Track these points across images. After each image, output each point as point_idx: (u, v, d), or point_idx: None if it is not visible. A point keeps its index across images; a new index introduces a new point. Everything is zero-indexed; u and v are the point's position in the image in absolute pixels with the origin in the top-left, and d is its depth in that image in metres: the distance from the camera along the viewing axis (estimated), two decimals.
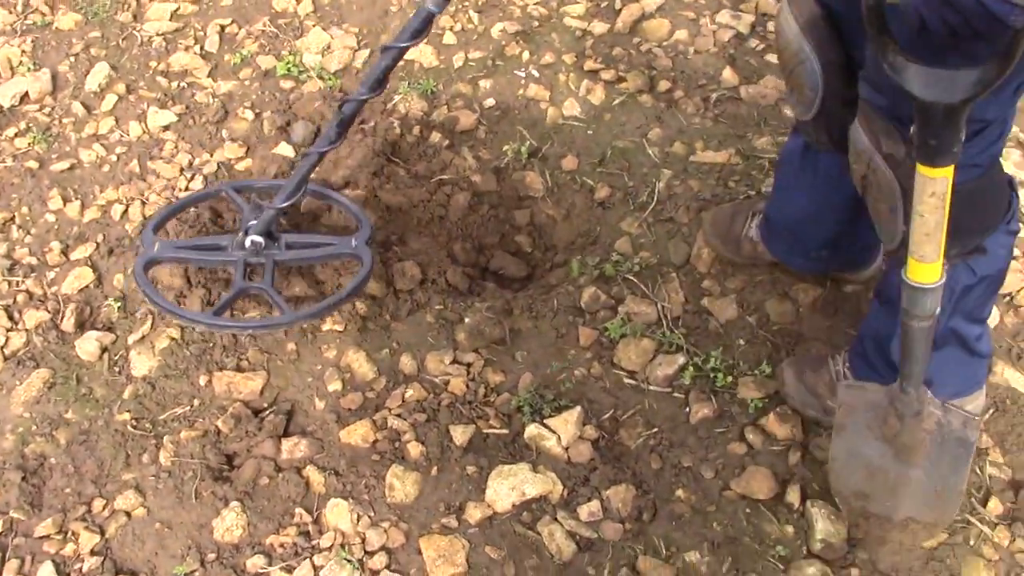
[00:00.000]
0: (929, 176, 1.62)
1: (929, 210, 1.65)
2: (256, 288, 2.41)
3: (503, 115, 3.01)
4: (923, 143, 1.58)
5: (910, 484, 1.97)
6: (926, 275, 1.74)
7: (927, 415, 1.91)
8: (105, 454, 2.31)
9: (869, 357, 2.16)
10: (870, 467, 2.00)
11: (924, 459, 1.94)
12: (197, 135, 2.99)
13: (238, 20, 3.35)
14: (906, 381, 1.89)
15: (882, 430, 1.97)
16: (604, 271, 2.60)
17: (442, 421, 2.29)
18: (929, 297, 1.75)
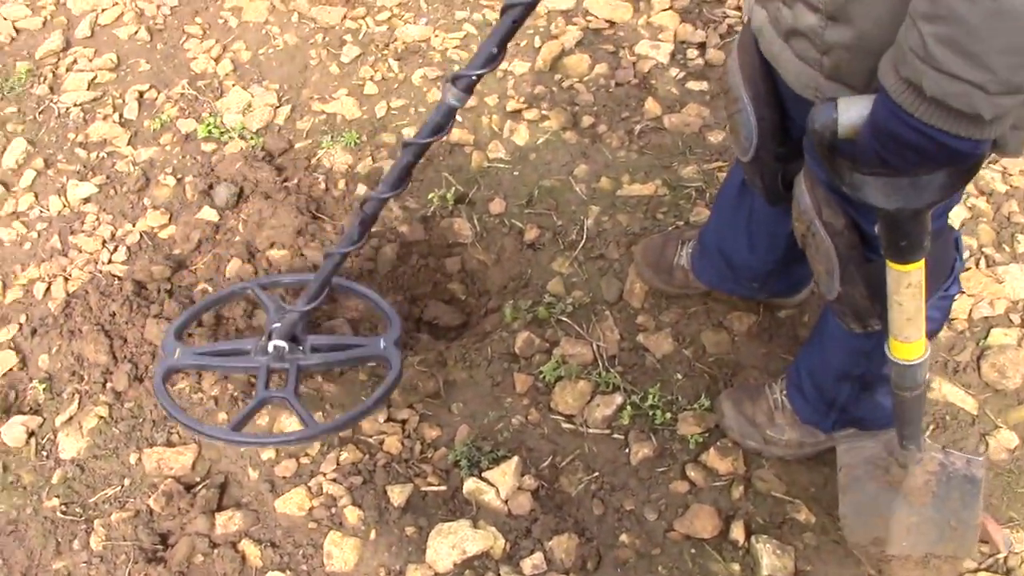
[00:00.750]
0: (903, 271, 1.61)
1: (908, 299, 1.65)
2: (278, 397, 2.27)
3: (428, 162, 2.98)
4: (893, 245, 1.55)
5: (924, 522, 1.97)
6: (912, 353, 1.74)
7: (928, 459, 1.92)
8: (34, 543, 2.24)
9: (805, 391, 2.14)
10: (882, 515, 2.00)
11: (933, 498, 1.94)
12: (119, 205, 2.94)
13: (156, 85, 3.30)
14: (907, 440, 1.90)
15: (887, 479, 1.97)
16: (537, 314, 2.56)
17: (379, 482, 2.24)
18: (918, 371, 1.75)
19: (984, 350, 2.38)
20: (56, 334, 2.58)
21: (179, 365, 2.34)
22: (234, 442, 2.28)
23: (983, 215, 2.67)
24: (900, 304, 1.67)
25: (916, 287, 1.65)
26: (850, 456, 2.02)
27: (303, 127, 3.13)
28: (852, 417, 2.13)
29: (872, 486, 1.99)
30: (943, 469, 1.92)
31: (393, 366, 2.27)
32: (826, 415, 2.14)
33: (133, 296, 2.58)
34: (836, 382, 2.06)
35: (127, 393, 2.46)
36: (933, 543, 1.99)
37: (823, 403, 2.12)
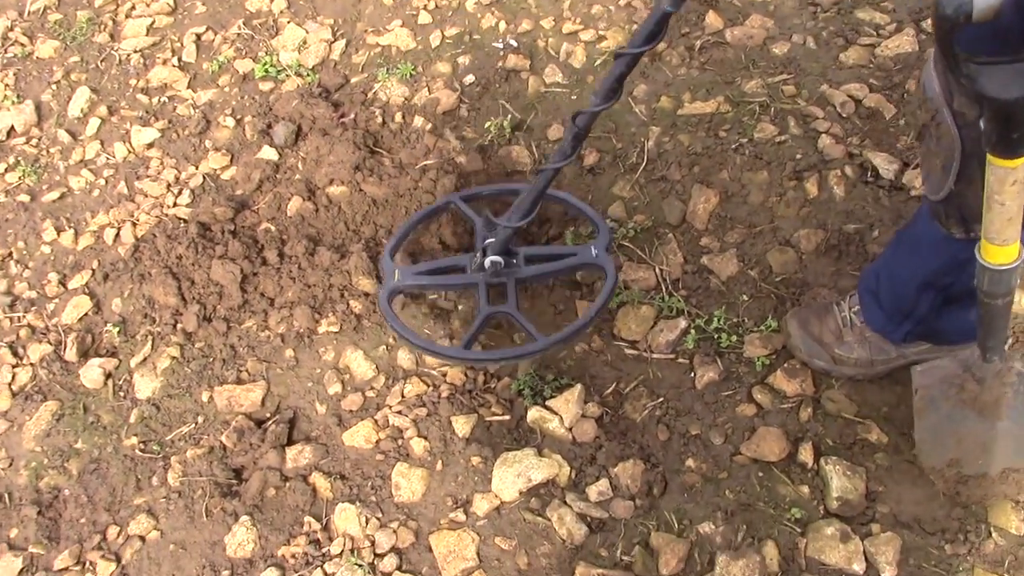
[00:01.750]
0: (1010, 167, 1.53)
1: (1011, 197, 1.56)
2: (502, 312, 2.25)
3: (484, 90, 2.94)
4: (1003, 139, 1.47)
5: (999, 437, 1.91)
6: (1009, 256, 1.66)
7: (1005, 371, 1.85)
8: (116, 480, 2.31)
9: (880, 298, 2.07)
10: (957, 434, 1.94)
11: (1009, 410, 1.88)
12: (181, 148, 2.97)
13: (213, 26, 3.31)
14: (991, 352, 1.83)
15: (961, 397, 1.90)
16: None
17: (443, 414, 2.25)
18: (1013, 275, 1.67)
19: None
20: (127, 278, 2.64)
21: (401, 287, 2.34)
22: (467, 360, 2.28)
23: None
24: (1003, 204, 1.59)
25: (1021, 184, 1.56)
26: (925, 377, 1.95)
27: (358, 61, 3.11)
28: (928, 329, 2.06)
29: (947, 406, 1.93)
30: (1020, 379, 1.84)
31: (608, 273, 2.25)
32: (900, 324, 2.07)
33: (198, 238, 2.62)
34: (919, 291, 1.99)
35: (197, 333, 2.51)
36: (1010, 457, 1.92)
37: (899, 312, 2.05)
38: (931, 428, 1.98)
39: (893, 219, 2.41)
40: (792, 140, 2.61)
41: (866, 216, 2.43)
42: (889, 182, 2.45)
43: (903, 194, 2.44)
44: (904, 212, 2.41)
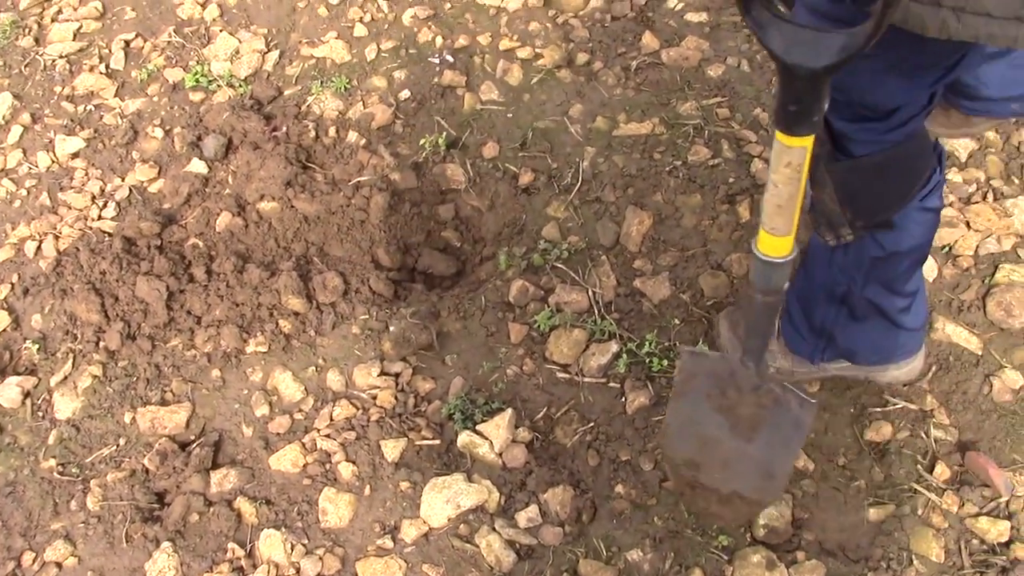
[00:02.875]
0: (786, 144, 1.50)
1: (783, 180, 1.53)
2: None
3: (419, 106, 2.91)
4: (782, 108, 1.46)
5: (742, 459, 1.88)
6: (776, 248, 1.62)
7: (765, 391, 1.81)
8: (32, 504, 2.24)
9: (794, 318, 2.10)
10: (704, 437, 1.91)
11: (758, 435, 1.85)
12: (107, 159, 2.89)
13: (143, 33, 3.23)
14: (747, 355, 1.80)
15: (720, 401, 1.86)
16: (532, 261, 2.51)
17: (372, 438, 2.22)
18: (776, 272, 1.64)
19: (990, 288, 2.31)
20: (48, 293, 2.56)
21: None
22: None
23: (991, 146, 2.58)
24: (775, 185, 1.55)
25: (796, 170, 1.53)
26: (693, 363, 1.90)
27: (292, 73, 3.06)
28: (840, 348, 2.08)
29: (704, 404, 1.87)
30: (776, 406, 1.80)
31: None
32: (814, 344, 2.10)
33: (123, 253, 2.55)
34: (822, 304, 2.01)
35: (120, 351, 2.45)
36: (743, 484, 1.90)
37: (811, 331, 2.07)
38: (682, 419, 1.93)
39: None
40: (725, 164, 2.62)
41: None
42: None
43: None
44: None
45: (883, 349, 2.02)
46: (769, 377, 1.82)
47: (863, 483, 2.08)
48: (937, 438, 2.11)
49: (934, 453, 2.09)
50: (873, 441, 2.13)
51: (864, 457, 2.11)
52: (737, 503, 1.95)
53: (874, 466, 2.10)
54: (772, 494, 1.94)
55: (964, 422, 2.13)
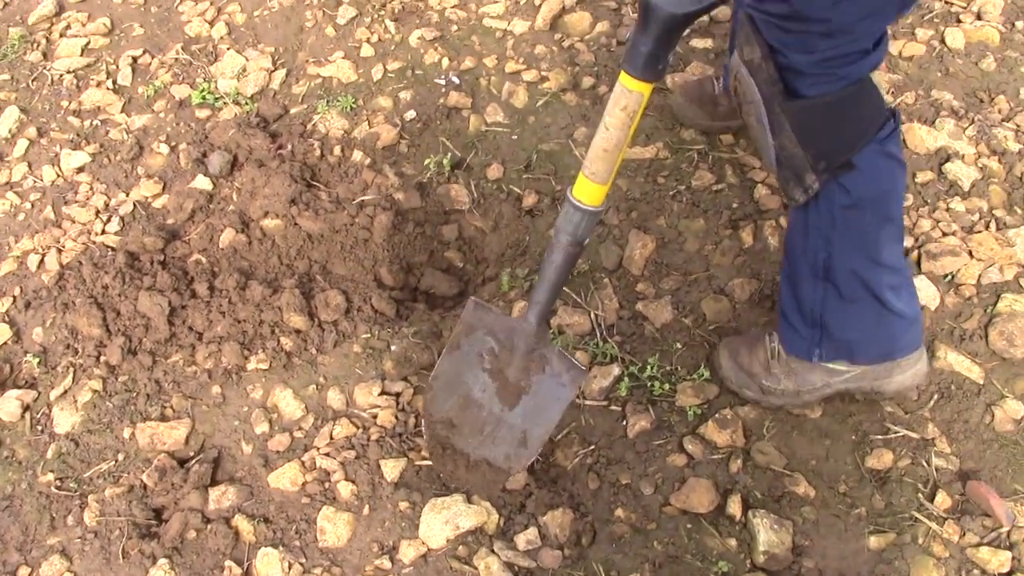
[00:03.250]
0: (627, 87, 1.57)
1: (615, 124, 1.59)
2: None
3: (424, 127, 2.92)
4: (633, 48, 1.56)
5: (499, 427, 1.89)
6: (590, 195, 1.67)
7: (538, 356, 1.82)
8: (29, 519, 2.23)
9: (787, 312, 2.11)
10: (468, 398, 1.91)
11: (520, 403, 1.86)
12: (112, 174, 2.90)
13: (150, 50, 3.25)
14: (531, 308, 1.82)
15: (492, 363, 1.87)
16: (535, 283, 2.51)
17: (372, 457, 2.22)
18: (584, 220, 1.70)
19: (992, 317, 2.31)
20: (50, 307, 2.56)
21: None
22: None
23: (994, 176, 2.58)
24: (606, 128, 1.62)
25: (630, 115, 1.60)
26: (475, 315, 1.89)
27: (298, 92, 3.07)
28: (837, 342, 2.08)
29: (475, 364, 1.87)
30: (544, 373, 1.81)
31: None
32: (810, 337, 2.10)
33: (126, 268, 2.55)
34: (807, 283, 2.02)
35: (121, 366, 2.44)
36: (494, 453, 1.89)
37: (803, 321, 2.08)
38: (450, 375, 1.92)
39: None
40: (729, 189, 2.63)
41: None
42: None
43: None
44: None
45: (880, 340, 2.01)
46: (544, 339, 1.83)
47: (864, 511, 2.07)
48: (938, 467, 2.10)
49: (935, 482, 2.08)
50: (874, 468, 2.13)
51: (865, 484, 2.11)
52: (485, 470, 1.96)
53: (875, 494, 2.09)
54: (521, 464, 1.94)
55: (965, 451, 2.13)
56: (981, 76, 2.82)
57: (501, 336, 1.85)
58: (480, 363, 1.87)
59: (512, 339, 1.84)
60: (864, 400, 2.21)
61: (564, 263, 1.79)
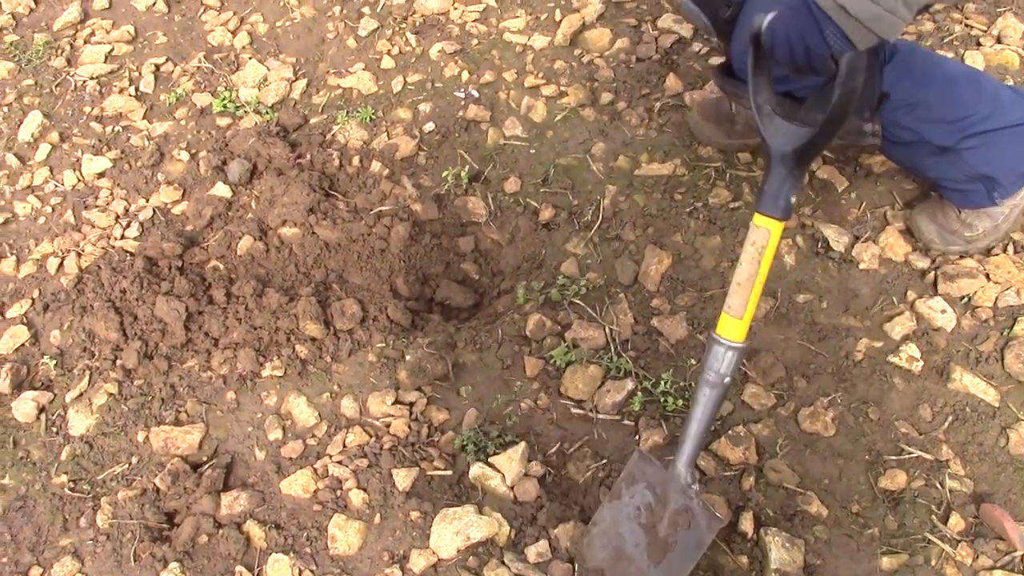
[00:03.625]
0: (754, 223, 1.73)
1: (747, 259, 1.70)
2: None
3: (443, 139, 2.94)
4: (760, 187, 1.74)
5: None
6: (728, 331, 1.77)
7: (684, 510, 1.89)
8: (42, 519, 2.24)
9: (948, 188, 2.35)
10: (621, 551, 1.97)
11: (667, 559, 1.91)
12: (132, 180, 2.93)
13: (173, 58, 3.28)
14: (678, 455, 1.90)
15: (647, 516, 1.94)
16: (550, 296, 2.52)
17: (384, 466, 2.22)
18: (726, 355, 1.79)
19: (1009, 340, 2.30)
20: (68, 310, 2.58)
21: None
22: None
23: None
24: (739, 263, 1.74)
25: (759, 250, 1.70)
26: (637, 466, 1.99)
27: (318, 102, 3.10)
28: (1004, 176, 2.29)
29: (633, 518, 1.95)
30: (688, 527, 1.87)
31: None
32: (983, 189, 2.31)
33: (144, 273, 2.57)
34: (943, 163, 2.27)
35: (136, 370, 2.46)
36: None
37: (968, 182, 2.30)
38: (607, 524, 2.00)
39: (842, 291, 2.44)
40: (746, 207, 2.63)
41: (816, 287, 2.46)
42: (839, 254, 2.48)
43: (853, 267, 2.47)
44: (853, 285, 2.44)
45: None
46: (690, 489, 1.90)
47: (876, 531, 2.06)
48: (952, 488, 2.09)
49: (949, 503, 2.07)
50: (887, 489, 2.12)
51: (878, 505, 2.10)
52: None
53: (888, 514, 2.08)
54: None
55: (979, 473, 2.12)
56: None
57: (658, 490, 1.93)
58: (637, 517, 1.94)
59: (666, 492, 1.91)
60: (878, 421, 2.20)
61: (710, 402, 1.84)
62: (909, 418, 2.22)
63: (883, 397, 2.25)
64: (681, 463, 1.90)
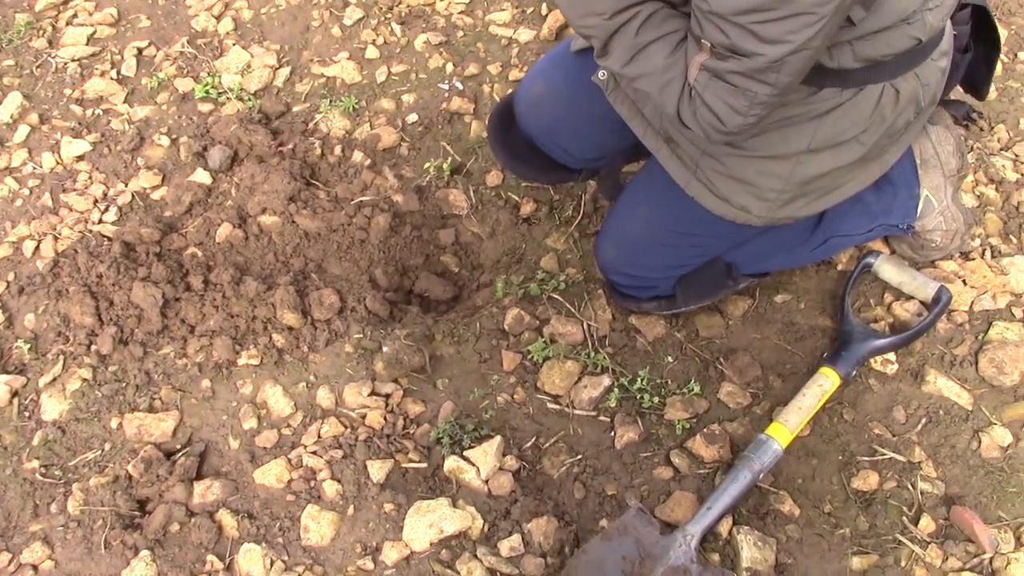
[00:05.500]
0: (823, 374, 2.21)
1: (811, 393, 2.17)
2: None
3: (426, 130, 2.93)
4: (837, 351, 2.27)
5: None
6: (781, 436, 2.10)
7: (682, 570, 1.96)
8: (12, 504, 2.22)
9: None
10: None
11: None
12: (112, 164, 2.90)
13: (156, 42, 3.25)
14: (696, 522, 2.01)
15: (633, 568, 1.98)
16: (529, 291, 2.52)
17: (359, 457, 2.21)
18: (771, 454, 2.08)
19: (983, 344, 2.31)
20: (43, 293, 2.56)
21: None
22: None
23: (991, 203, 2.59)
24: (804, 394, 2.16)
25: (823, 391, 2.17)
26: (632, 521, 2.03)
27: (302, 90, 3.08)
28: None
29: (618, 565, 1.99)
30: None
31: None
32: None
33: (121, 258, 2.55)
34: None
35: (111, 356, 2.44)
36: None
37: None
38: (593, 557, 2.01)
39: (820, 291, 2.45)
40: None
41: (794, 287, 2.47)
42: None
43: (831, 268, 2.48)
44: (831, 286, 2.45)
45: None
46: (696, 555, 1.97)
47: (848, 531, 2.07)
48: (924, 490, 2.10)
49: (920, 505, 2.08)
50: (860, 490, 2.13)
51: (850, 505, 2.11)
52: None
53: (859, 515, 2.09)
54: None
55: (951, 476, 2.13)
56: (982, 105, 2.83)
57: (648, 549, 1.99)
58: (621, 564, 1.99)
59: (657, 552, 1.98)
60: (852, 422, 2.22)
61: (744, 484, 2.05)
62: (883, 420, 2.23)
63: (858, 398, 2.26)
64: (696, 526, 2.00)
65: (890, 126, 1.95)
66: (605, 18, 1.73)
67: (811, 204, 2.05)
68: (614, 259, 2.32)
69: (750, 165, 1.96)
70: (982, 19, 2.15)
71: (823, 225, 2.30)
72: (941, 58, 1.98)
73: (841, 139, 1.91)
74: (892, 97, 1.90)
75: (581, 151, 2.31)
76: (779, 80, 1.62)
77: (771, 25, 1.52)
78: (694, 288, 2.34)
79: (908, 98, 1.92)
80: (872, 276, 2.44)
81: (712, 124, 1.72)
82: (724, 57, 1.61)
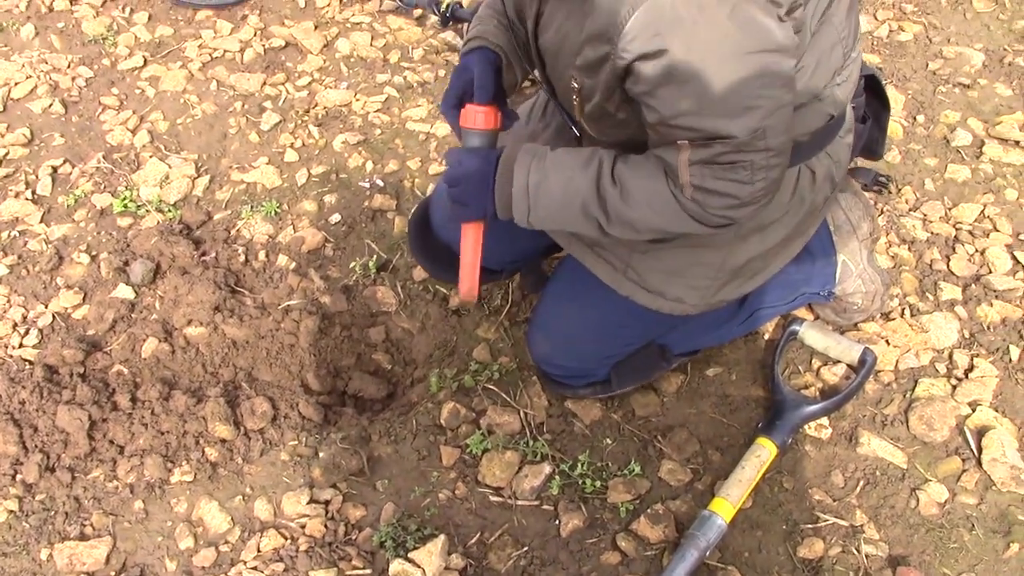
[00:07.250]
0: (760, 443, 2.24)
1: (749, 465, 2.19)
2: None
3: (350, 230, 2.94)
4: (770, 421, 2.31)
5: None
6: (724, 512, 2.11)
7: None
8: None
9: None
10: None
11: None
12: (30, 285, 2.85)
13: (71, 159, 3.23)
14: None
15: None
16: (463, 382, 2.51)
17: (301, 569, 2.16)
18: (716, 531, 2.09)
19: (912, 402, 2.36)
20: None
21: None
22: None
23: (905, 264, 2.67)
24: (743, 467, 2.19)
25: (761, 463, 2.20)
26: None
27: (222, 198, 3.07)
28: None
29: None
30: None
31: None
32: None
33: (44, 382, 2.48)
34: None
35: (38, 484, 2.36)
36: None
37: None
38: None
39: (750, 362, 2.48)
40: None
41: (724, 360, 2.50)
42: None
43: (760, 338, 2.52)
44: (759, 356, 2.49)
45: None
46: None
47: None
48: (868, 554, 2.12)
49: (866, 569, 2.09)
50: (806, 558, 2.13)
51: (798, 574, 2.11)
52: None
53: None
54: None
55: (893, 536, 2.15)
56: (888, 168, 2.93)
57: None
58: None
59: None
60: (792, 490, 2.23)
61: (692, 563, 2.06)
62: (822, 485, 2.25)
63: (796, 466, 2.28)
64: None
65: (810, 205, 2.01)
66: None
67: (743, 286, 2.10)
68: (548, 353, 2.34)
69: (683, 256, 2.02)
70: (873, 85, 2.23)
71: (748, 300, 2.35)
72: (847, 135, 2.06)
73: (765, 222, 1.97)
74: (808, 178, 1.96)
75: (499, 257, 2.33)
76: (769, 143, 1.65)
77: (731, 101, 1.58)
78: (628, 372, 2.36)
79: (823, 176, 1.99)
80: (799, 343, 2.49)
81: (728, 205, 1.72)
82: (706, 144, 1.64)
